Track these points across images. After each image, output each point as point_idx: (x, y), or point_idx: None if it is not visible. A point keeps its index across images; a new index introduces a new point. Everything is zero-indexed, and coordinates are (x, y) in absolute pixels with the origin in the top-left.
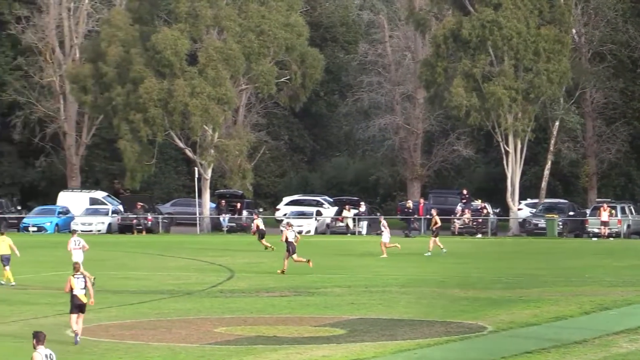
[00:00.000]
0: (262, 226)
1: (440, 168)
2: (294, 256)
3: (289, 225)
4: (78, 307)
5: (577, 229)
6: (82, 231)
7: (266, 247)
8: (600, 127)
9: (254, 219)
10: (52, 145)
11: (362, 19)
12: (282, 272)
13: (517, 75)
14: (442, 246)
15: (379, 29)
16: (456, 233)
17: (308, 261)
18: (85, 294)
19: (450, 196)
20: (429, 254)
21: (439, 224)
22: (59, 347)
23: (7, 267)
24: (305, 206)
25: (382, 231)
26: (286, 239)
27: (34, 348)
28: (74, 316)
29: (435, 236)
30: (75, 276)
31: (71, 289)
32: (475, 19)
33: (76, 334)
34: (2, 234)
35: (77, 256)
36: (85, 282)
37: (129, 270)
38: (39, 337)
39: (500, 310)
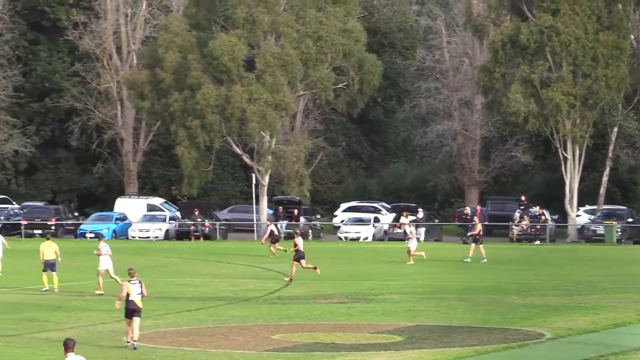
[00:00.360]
0: (276, 232)
1: (498, 174)
2: (302, 262)
3: (297, 233)
4: (133, 311)
5: (636, 236)
6: (139, 237)
7: (273, 253)
8: None
9: (267, 225)
10: (109, 152)
11: (420, 25)
12: (290, 279)
13: (575, 81)
14: (470, 255)
15: (436, 35)
16: (514, 239)
17: (315, 268)
18: (140, 299)
19: (508, 202)
20: (485, 260)
21: (480, 231)
22: (115, 353)
23: (54, 273)
24: (363, 212)
25: (410, 238)
26: (295, 245)
27: (65, 356)
28: (129, 320)
29: (480, 243)
30: (131, 282)
31: (128, 294)
32: (533, 24)
33: (128, 341)
34: (48, 239)
35: (105, 262)
36: (141, 287)
37: (187, 277)
38: (67, 345)
39: (559, 317)
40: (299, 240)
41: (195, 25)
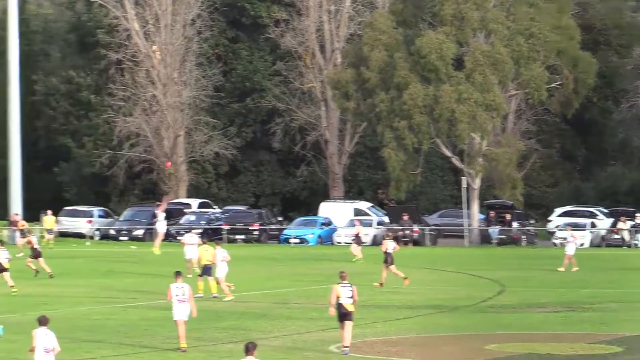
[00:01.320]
0: (361, 234)
1: None
2: (392, 267)
3: (388, 236)
4: (344, 315)
5: None
6: (345, 243)
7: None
8: None
9: (355, 225)
10: (313, 154)
11: (637, 21)
12: (381, 284)
13: None
14: None
15: None
16: None
17: (405, 279)
18: (351, 303)
19: None
20: None
21: None
22: None
23: (210, 278)
24: (579, 217)
25: (569, 242)
26: (385, 249)
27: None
28: (342, 324)
29: None
30: (341, 285)
31: (337, 298)
32: None
33: (345, 346)
34: (204, 242)
35: (222, 268)
36: (352, 291)
37: (395, 285)
38: (248, 348)
39: None
40: (389, 244)
41: (401, 22)
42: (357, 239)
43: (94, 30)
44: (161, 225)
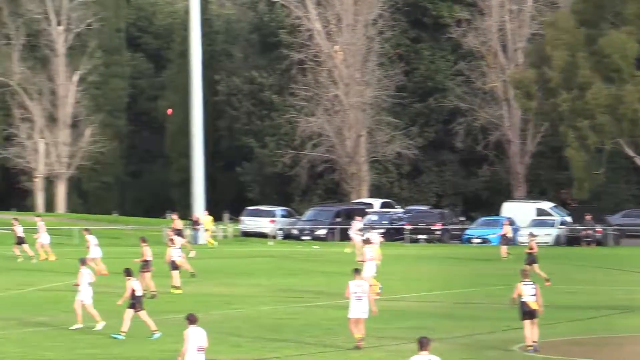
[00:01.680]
0: (510, 234)
1: None
2: (535, 266)
3: (532, 237)
4: (527, 313)
5: None
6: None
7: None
8: None
9: (504, 225)
10: (495, 154)
11: None
12: (548, 280)
13: None
14: None
15: None
16: None
17: (547, 280)
18: (535, 301)
19: None
20: None
21: None
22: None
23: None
24: None
25: None
26: (531, 249)
27: (417, 353)
28: (526, 323)
29: None
30: (523, 283)
31: (520, 296)
32: None
33: (529, 345)
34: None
35: (370, 267)
36: (535, 289)
37: (577, 284)
38: (422, 343)
39: None
40: (534, 244)
41: (583, 21)
42: (504, 239)
43: (276, 31)
44: (355, 237)
